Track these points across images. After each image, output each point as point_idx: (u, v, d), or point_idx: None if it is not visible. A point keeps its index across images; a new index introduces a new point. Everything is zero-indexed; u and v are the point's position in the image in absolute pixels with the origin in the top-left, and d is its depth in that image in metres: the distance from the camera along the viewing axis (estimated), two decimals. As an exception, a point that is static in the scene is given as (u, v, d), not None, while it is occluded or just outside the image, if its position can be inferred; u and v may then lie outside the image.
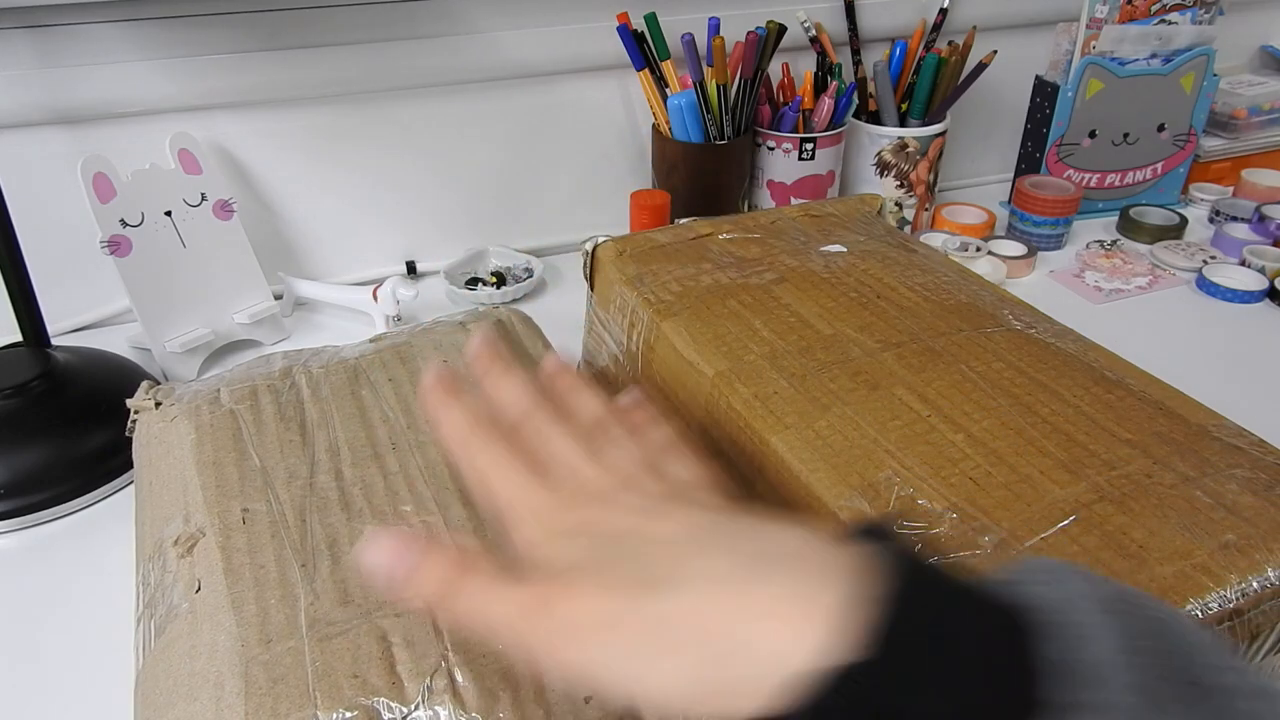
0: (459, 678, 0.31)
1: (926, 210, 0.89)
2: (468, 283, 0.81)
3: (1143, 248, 0.87)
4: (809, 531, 0.25)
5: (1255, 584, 0.31)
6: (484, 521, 0.38)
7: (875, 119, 0.85)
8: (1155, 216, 0.90)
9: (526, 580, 0.26)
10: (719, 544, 0.25)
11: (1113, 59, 0.86)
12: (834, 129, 0.83)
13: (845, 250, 0.54)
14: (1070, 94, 0.87)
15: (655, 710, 0.24)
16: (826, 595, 0.22)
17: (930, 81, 0.83)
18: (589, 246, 0.55)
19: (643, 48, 0.79)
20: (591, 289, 0.56)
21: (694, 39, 0.76)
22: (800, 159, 0.83)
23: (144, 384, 0.48)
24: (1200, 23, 0.89)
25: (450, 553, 0.27)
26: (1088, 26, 0.85)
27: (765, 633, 0.22)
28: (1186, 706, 0.20)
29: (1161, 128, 0.91)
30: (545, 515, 0.28)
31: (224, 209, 0.72)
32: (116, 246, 0.65)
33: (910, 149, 0.84)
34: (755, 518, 0.27)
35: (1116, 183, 0.94)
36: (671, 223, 0.77)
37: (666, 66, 0.80)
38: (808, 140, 0.82)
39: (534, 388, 0.33)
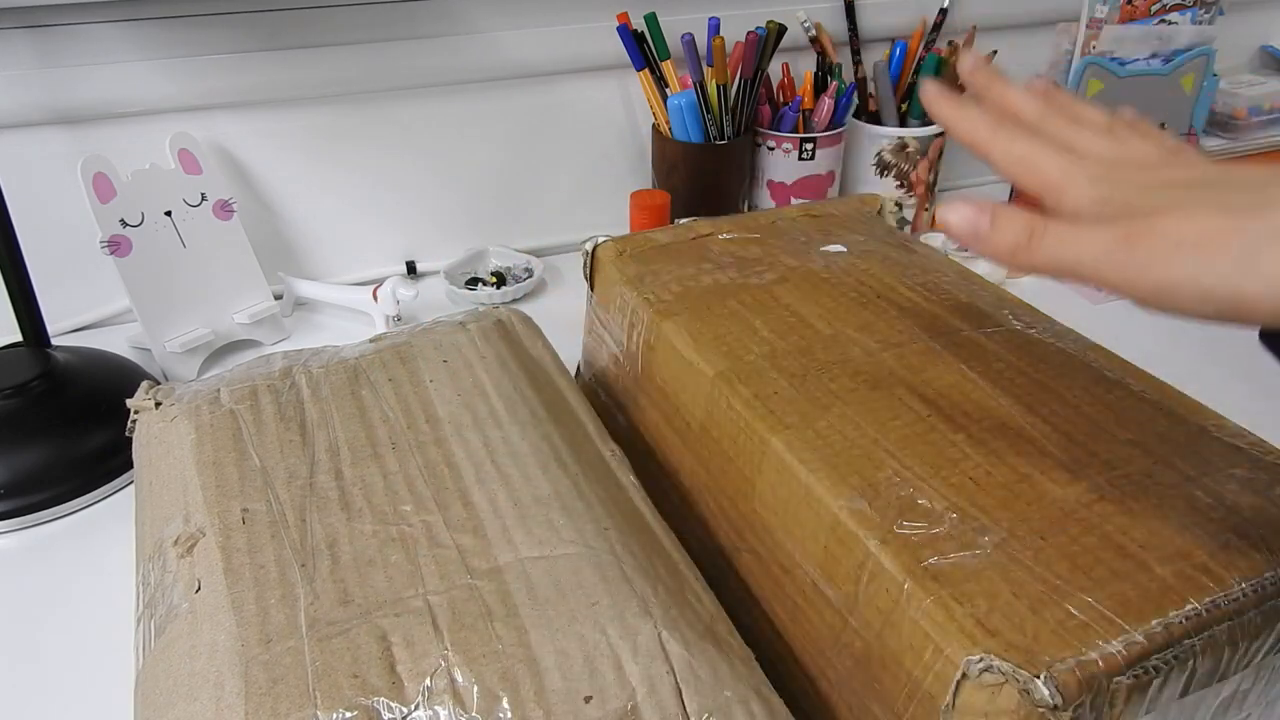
0: (459, 678, 0.31)
1: (926, 210, 0.89)
2: (468, 283, 0.81)
3: (1143, 248, 0.87)
4: None
5: (1255, 584, 0.31)
6: (484, 522, 0.38)
7: (875, 119, 0.85)
8: (1155, 216, 0.90)
9: (1110, 222, 0.28)
10: None
11: (1113, 59, 0.86)
12: (834, 129, 0.83)
13: (845, 250, 0.54)
14: (1070, 94, 0.87)
15: (1249, 314, 0.26)
16: None
17: (930, 81, 0.83)
18: (589, 246, 0.55)
19: (643, 48, 0.79)
20: (591, 289, 0.56)
21: (694, 39, 0.76)
22: (800, 159, 0.83)
23: (144, 384, 0.48)
24: (1200, 23, 0.89)
25: (1024, 210, 0.29)
26: (1088, 27, 0.85)
27: None
28: None
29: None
30: (1098, 179, 0.30)
31: (224, 209, 0.72)
32: (116, 246, 0.65)
33: (910, 149, 0.84)
34: None
35: (1116, 183, 0.94)
36: (671, 223, 0.77)
37: (666, 66, 0.80)
38: (808, 140, 0.82)
39: (1039, 96, 0.35)
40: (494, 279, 0.81)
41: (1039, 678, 0.28)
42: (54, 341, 0.64)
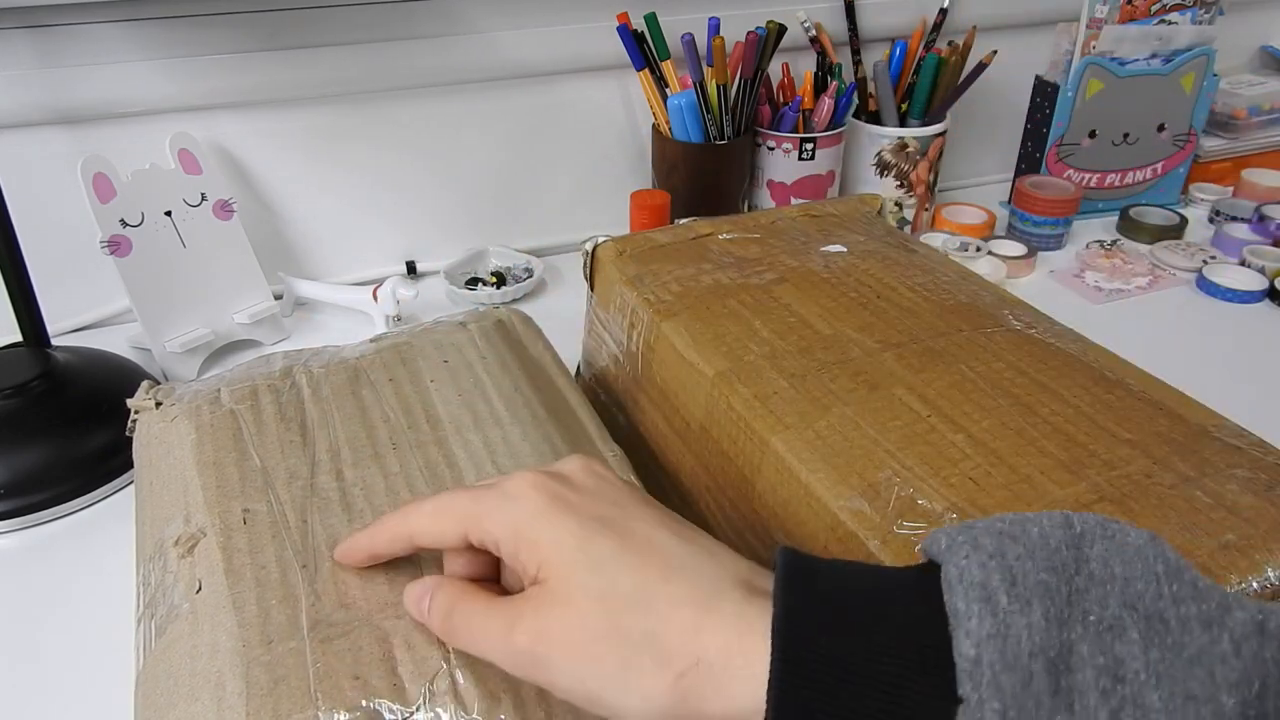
0: (460, 680, 0.31)
1: (926, 210, 0.89)
2: (468, 283, 0.81)
3: (1143, 248, 0.87)
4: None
5: (1255, 584, 0.31)
6: (484, 522, 0.38)
7: (875, 119, 0.85)
8: (1155, 216, 0.90)
9: (504, 608, 0.29)
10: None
11: (1113, 59, 0.86)
12: (834, 129, 0.83)
13: (845, 250, 0.54)
14: (1070, 94, 0.87)
15: None
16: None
17: (930, 81, 0.83)
18: (589, 246, 0.55)
19: (643, 48, 0.79)
20: (591, 289, 0.56)
21: (694, 39, 0.76)
22: (800, 159, 0.83)
23: (144, 384, 0.48)
24: (1200, 23, 0.89)
25: (447, 589, 0.31)
26: (1088, 26, 0.85)
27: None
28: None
29: (1161, 128, 0.91)
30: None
31: (224, 209, 0.72)
32: (116, 246, 0.65)
33: (910, 149, 0.84)
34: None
35: (1116, 183, 0.94)
36: (671, 223, 0.77)
37: (666, 66, 0.80)
38: (808, 140, 0.82)
39: None
40: (494, 279, 0.81)
41: (1039, 678, 0.28)
42: (54, 341, 0.64)
